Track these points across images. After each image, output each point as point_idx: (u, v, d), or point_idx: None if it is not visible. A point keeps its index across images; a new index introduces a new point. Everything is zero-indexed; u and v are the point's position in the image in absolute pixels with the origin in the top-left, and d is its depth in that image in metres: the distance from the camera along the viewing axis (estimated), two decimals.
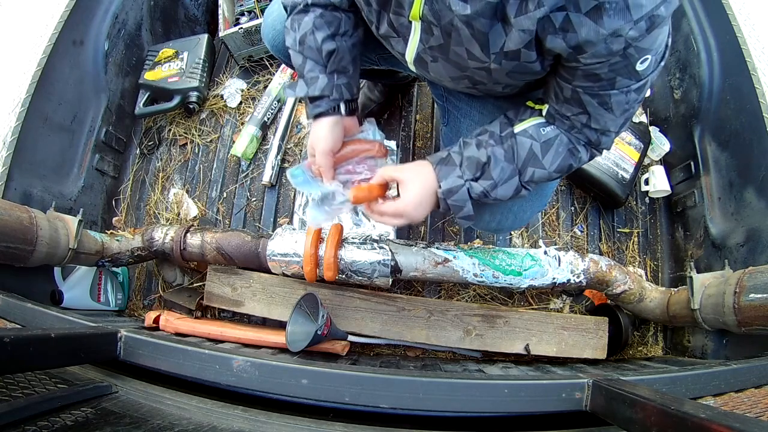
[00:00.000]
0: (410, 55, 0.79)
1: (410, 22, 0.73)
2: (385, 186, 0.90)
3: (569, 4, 0.60)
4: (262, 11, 1.65)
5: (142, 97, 1.61)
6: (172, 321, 1.23)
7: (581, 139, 0.81)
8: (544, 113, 0.82)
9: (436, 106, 1.60)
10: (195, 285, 1.44)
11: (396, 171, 0.87)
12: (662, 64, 0.69)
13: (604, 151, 0.86)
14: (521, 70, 0.72)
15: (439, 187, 0.82)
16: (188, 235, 1.25)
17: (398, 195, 0.86)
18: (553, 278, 1.15)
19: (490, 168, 0.80)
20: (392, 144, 1.50)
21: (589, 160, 0.85)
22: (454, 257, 1.14)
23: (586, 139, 0.80)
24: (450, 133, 1.07)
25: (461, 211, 0.83)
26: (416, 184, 0.83)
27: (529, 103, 0.85)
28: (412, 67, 0.84)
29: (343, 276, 1.13)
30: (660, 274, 1.43)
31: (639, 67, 0.65)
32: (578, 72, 0.68)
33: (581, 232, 1.47)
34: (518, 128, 0.82)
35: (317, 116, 0.89)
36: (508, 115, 0.86)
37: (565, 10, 0.60)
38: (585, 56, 0.64)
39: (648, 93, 1.42)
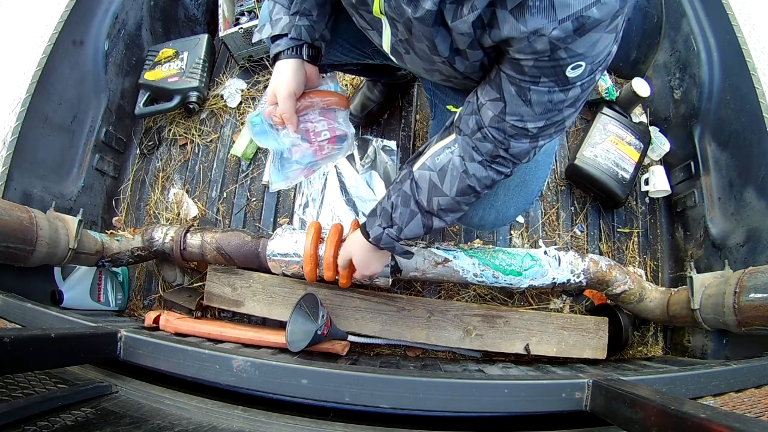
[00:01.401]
0: (386, 46, 0.80)
1: (379, 18, 0.74)
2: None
3: (497, 1, 0.59)
4: None
5: (142, 97, 1.61)
6: (172, 321, 1.23)
7: (483, 149, 0.77)
8: (454, 118, 0.82)
9: None
10: (195, 285, 1.44)
11: (344, 252, 1.03)
12: (598, 77, 0.66)
13: (601, 153, 0.86)
14: (473, 68, 0.73)
15: (369, 236, 0.92)
16: (188, 235, 1.25)
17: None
18: (553, 278, 1.15)
19: (395, 215, 0.88)
20: (392, 144, 1.50)
21: (499, 176, 0.81)
22: (454, 257, 1.14)
23: (492, 144, 0.75)
24: (437, 127, 1.07)
25: (395, 251, 0.94)
26: (355, 252, 0.99)
27: (449, 107, 0.89)
28: (392, 57, 0.84)
29: None
30: (660, 274, 1.43)
31: (570, 73, 0.62)
32: (506, 58, 0.67)
33: (581, 232, 1.47)
34: (417, 164, 0.86)
35: (277, 57, 0.90)
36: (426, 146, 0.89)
37: (493, 6, 0.60)
38: (512, 49, 0.63)
39: (648, 93, 1.42)
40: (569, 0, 0.55)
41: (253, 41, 1.54)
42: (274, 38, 0.90)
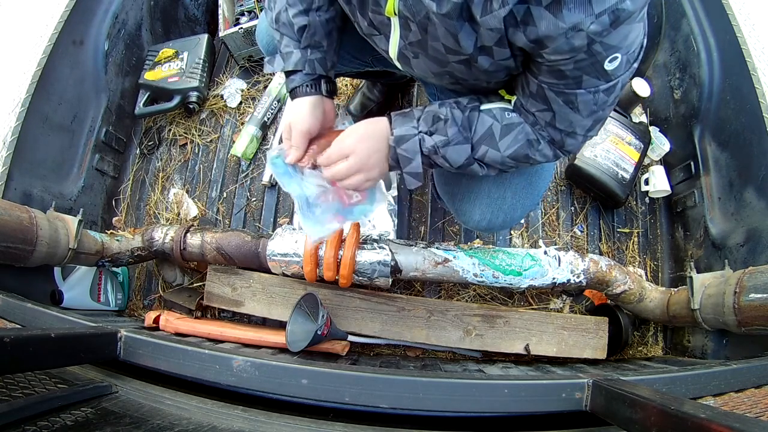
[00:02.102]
0: (393, 51, 0.79)
1: (389, 19, 0.72)
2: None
3: None
4: (262, 11, 1.65)
5: (142, 97, 1.61)
6: (172, 321, 1.23)
7: (544, 136, 0.79)
8: (512, 103, 0.80)
9: None
10: (195, 285, 1.44)
11: (343, 144, 0.83)
12: (635, 65, 0.67)
13: (601, 153, 0.86)
14: (497, 68, 0.71)
15: (392, 134, 0.80)
16: (188, 235, 1.25)
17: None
18: (553, 278, 1.15)
19: (446, 126, 0.79)
20: None
21: (555, 159, 0.82)
22: (454, 257, 1.14)
23: (549, 137, 0.78)
24: None
25: (409, 165, 0.82)
26: (361, 141, 0.81)
27: (501, 92, 0.84)
28: (397, 64, 0.83)
29: None
30: (660, 274, 1.43)
31: (608, 66, 0.63)
32: (543, 67, 0.67)
33: (581, 232, 1.48)
34: (485, 106, 0.81)
35: (293, 92, 0.89)
36: (481, 97, 0.84)
37: (527, 3, 0.59)
38: (547, 51, 0.63)
39: (648, 93, 1.42)
40: None
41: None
42: (288, 73, 0.89)
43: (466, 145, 0.80)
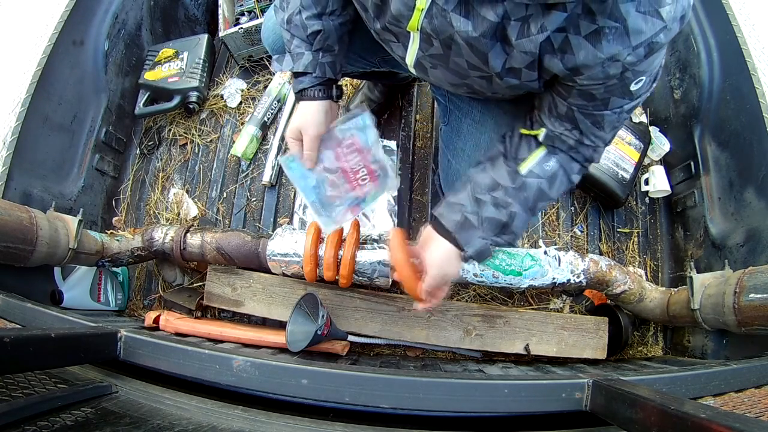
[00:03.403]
0: (410, 59, 0.79)
1: (409, 32, 0.73)
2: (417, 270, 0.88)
3: (569, 26, 0.60)
4: (262, 11, 1.65)
5: (142, 97, 1.61)
6: (172, 321, 1.23)
7: (578, 158, 0.82)
8: (541, 138, 0.81)
9: (436, 105, 1.60)
10: (195, 285, 1.44)
11: (435, 280, 0.84)
12: (655, 84, 0.70)
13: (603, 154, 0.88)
14: (520, 87, 0.74)
15: (464, 251, 0.83)
16: (188, 235, 1.25)
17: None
18: (553, 278, 1.15)
19: (512, 226, 0.83)
20: (392, 144, 1.50)
21: (579, 179, 0.88)
22: None
23: (583, 157, 0.82)
24: (450, 133, 1.07)
25: (486, 258, 0.88)
26: (442, 269, 0.84)
27: (523, 131, 0.84)
28: (412, 71, 0.84)
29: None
30: (660, 274, 1.43)
31: (633, 87, 0.66)
32: (574, 91, 0.69)
33: (581, 232, 1.47)
34: (524, 169, 0.82)
35: (301, 93, 0.89)
36: (507, 153, 0.85)
37: (565, 32, 0.61)
38: (582, 78, 0.65)
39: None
40: (641, 27, 0.58)
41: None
42: (297, 74, 0.89)
43: (528, 219, 0.86)
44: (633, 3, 0.57)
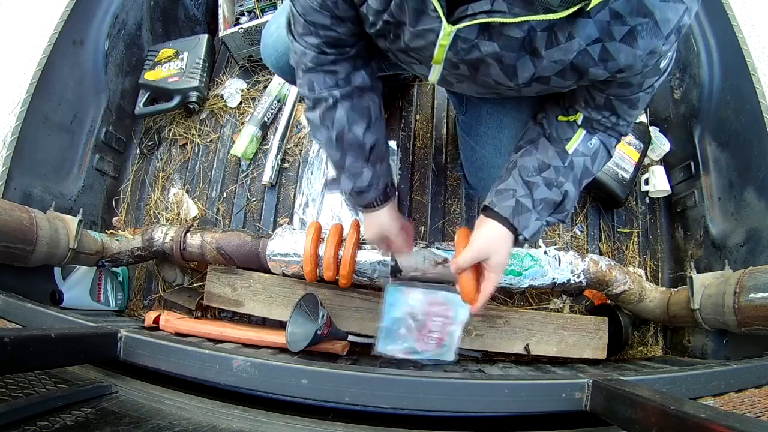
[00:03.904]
0: (434, 77, 0.79)
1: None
2: (478, 270, 0.87)
3: (603, 35, 0.61)
4: (262, 11, 1.65)
5: (142, 97, 1.61)
6: (172, 321, 1.23)
7: (614, 135, 0.85)
8: (580, 122, 0.83)
9: (437, 96, 1.60)
10: (195, 285, 1.44)
11: (477, 252, 0.83)
12: (674, 56, 0.73)
13: None
14: (548, 91, 0.76)
15: (521, 235, 0.83)
16: (188, 235, 1.25)
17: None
18: (553, 278, 1.15)
19: (565, 204, 0.84)
20: (392, 144, 1.50)
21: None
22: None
23: (618, 134, 0.85)
24: (470, 120, 1.06)
25: (536, 237, 0.87)
26: (501, 252, 0.83)
27: (561, 118, 0.85)
28: (435, 84, 0.85)
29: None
30: (660, 274, 1.43)
31: (662, 65, 0.70)
32: (614, 83, 0.72)
33: (581, 232, 1.47)
34: (571, 149, 0.83)
35: (370, 205, 0.92)
36: (552, 134, 0.85)
37: (601, 42, 0.62)
38: (623, 74, 0.67)
39: None
40: (668, 15, 0.59)
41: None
42: (360, 191, 0.89)
43: (578, 196, 0.87)
44: None
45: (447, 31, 0.65)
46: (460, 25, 0.63)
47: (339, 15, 0.74)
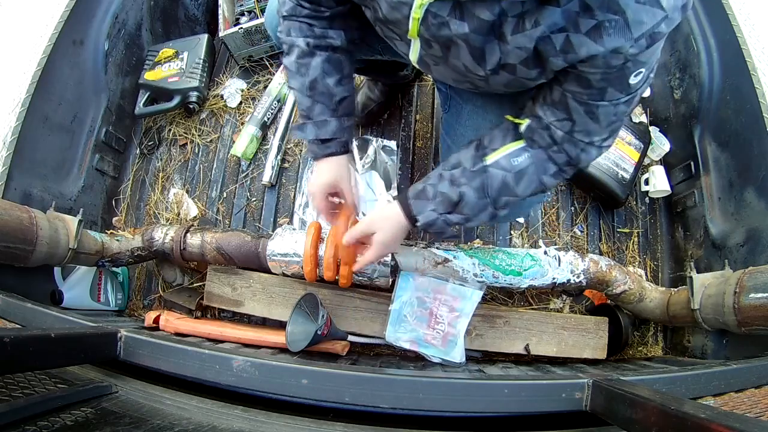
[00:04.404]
0: (413, 57, 0.80)
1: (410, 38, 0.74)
2: (362, 244, 0.96)
3: (569, 25, 0.60)
4: (262, 11, 1.65)
5: (142, 97, 1.61)
6: (172, 321, 1.23)
7: (558, 160, 0.80)
8: (522, 129, 0.81)
9: (437, 95, 1.60)
10: (195, 285, 1.44)
11: (367, 226, 0.91)
12: (652, 76, 0.69)
13: (599, 157, 0.87)
14: (516, 84, 0.74)
15: (417, 221, 0.87)
16: (188, 235, 1.25)
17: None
18: (553, 278, 1.15)
19: (461, 206, 0.84)
20: (392, 144, 1.50)
21: (555, 185, 0.86)
22: (454, 257, 1.14)
23: (566, 157, 0.79)
24: (451, 120, 1.07)
25: (444, 235, 0.91)
26: (384, 229, 0.90)
27: (509, 117, 0.85)
28: (416, 65, 0.85)
29: None
30: (660, 274, 1.43)
31: (632, 80, 0.65)
32: (571, 75, 0.68)
33: (581, 232, 1.47)
34: (490, 159, 0.83)
35: (326, 155, 0.93)
36: (483, 141, 0.86)
37: (566, 32, 0.61)
38: (582, 65, 0.64)
39: (648, 93, 1.42)
40: (642, 18, 0.57)
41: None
42: (323, 140, 0.92)
43: (487, 209, 0.85)
44: None
45: (418, 3, 0.66)
46: None
47: None
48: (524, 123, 0.81)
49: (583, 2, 0.58)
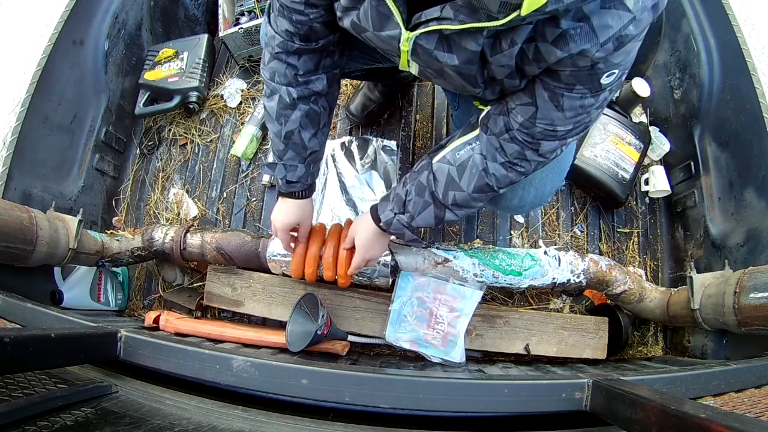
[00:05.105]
0: (414, 71, 0.81)
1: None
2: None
3: (537, 35, 0.61)
4: (262, 11, 1.65)
5: (142, 97, 1.61)
6: (172, 321, 1.23)
7: (508, 149, 0.77)
8: (482, 116, 0.82)
9: (437, 95, 1.61)
10: (195, 285, 1.44)
11: (351, 232, 1.02)
12: (624, 78, 0.68)
13: (601, 153, 0.87)
14: (506, 92, 0.76)
15: (380, 220, 0.94)
16: (188, 235, 1.25)
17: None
18: (553, 278, 1.15)
19: (407, 204, 0.89)
20: (392, 144, 1.50)
21: (508, 184, 0.83)
22: (454, 257, 1.14)
23: (518, 148, 0.76)
24: (461, 115, 1.09)
25: (404, 237, 0.95)
26: (360, 232, 0.99)
27: (476, 103, 0.88)
28: (416, 75, 0.86)
29: None
30: (660, 274, 1.43)
31: (604, 80, 0.65)
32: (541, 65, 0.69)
33: (581, 232, 1.47)
34: (438, 157, 0.87)
35: (290, 194, 1.01)
36: (442, 141, 0.91)
37: (535, 41, 0.62)
38: (553, 65, 0.65)
39: (648, 93, 1.42)
40: (608, 22, 0.57)
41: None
42: (289, 182, 1.00)
43: (429, 207, 0.88)
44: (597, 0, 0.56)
45: (406, 37, 0.68)
46: (418, 32, 0.66)
47: (312, 2, 0.78)
48: (486, 109, 0.82)
49: (550, 13, 0.57)
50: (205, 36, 1.68)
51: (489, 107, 0.81)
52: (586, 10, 0.56)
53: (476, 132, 0.83)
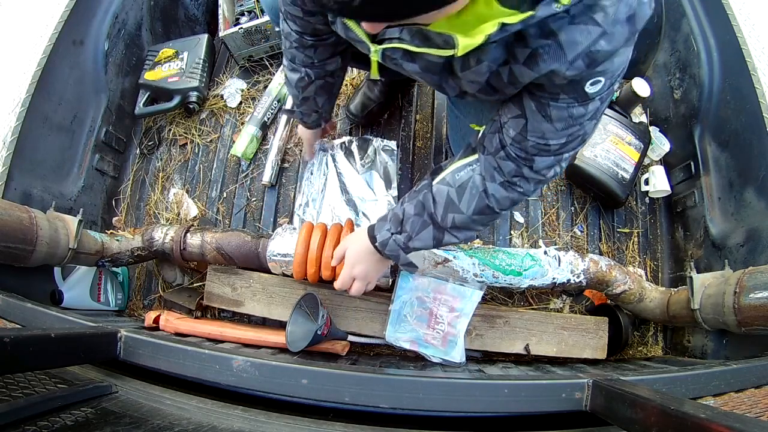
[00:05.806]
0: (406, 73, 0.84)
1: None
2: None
3: (510, 57, 0.61)
4: (262, 11, 1.65)
5: (142, 97, 1.61)
6: (172, 321, 1.23)
7: (505, 168, 0.76)
8: (479, 137, 0.82)
9: (436, 96, 1.61)
10: (195, 285, 1.44)
11: (343, 242, 1.02)
12: (616, 87, 0.66)
13: (601, 153, 0.87)
14: (484, 101, 0.79)
15: (375, 239, 0.91)
16: (188, 235, 1.25)
17: None
18: (553, 278, 1.15)
19: (405, 225, 0.88)
20: (392, 144, 1.50)
21: (509, 205, 0.82)
22: (454, 257, 1.14)
23: (514, 165, 0.74)
24: (453, 133, 1.10)
25: (399, 260, 0.92)
26: (352, 246, 0.98)
27: (473, 125, 0.91)
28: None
29: None
30: (660, 274, 1.43)
31: (589, 89, 0.62)
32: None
33: (581, 232, 1.47)
34: (438, 178, 0.86)
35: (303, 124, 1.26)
36: (441, 163, 0.91)
37: (508, 64, 0.62)
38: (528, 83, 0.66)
39: (648, 93, 1.42)
40: (576, 38, 0.55)
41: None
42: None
43: (427, 228, 0.86)
44: (566, 17, 0.54)
45: (373, 50, 0.72)
46: (383, 46, 0.70)
47: (308, 10, 0.85)
48: (482, 129, 0.82)
49: (518, 32, 0.56)
50: (205, 36, 1.68)
51: (484, 127, 0.82)
52: (554, 26, 0.55)
53: (476, 155, 0.83)
